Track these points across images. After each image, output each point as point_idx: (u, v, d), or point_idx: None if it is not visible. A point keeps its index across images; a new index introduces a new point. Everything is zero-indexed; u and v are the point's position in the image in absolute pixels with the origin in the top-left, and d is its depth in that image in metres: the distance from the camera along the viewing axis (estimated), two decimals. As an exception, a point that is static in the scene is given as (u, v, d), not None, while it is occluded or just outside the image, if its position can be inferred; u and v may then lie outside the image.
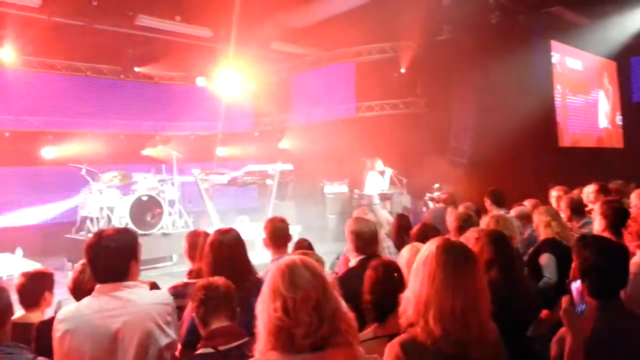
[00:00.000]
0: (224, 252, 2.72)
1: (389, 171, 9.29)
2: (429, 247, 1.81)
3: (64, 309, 2.23)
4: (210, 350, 2.12)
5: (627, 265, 2.09)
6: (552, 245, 3.78)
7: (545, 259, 3.70)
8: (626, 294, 2.30)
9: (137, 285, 2.26)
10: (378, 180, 9.15)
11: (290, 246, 3.85)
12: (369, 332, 2.29)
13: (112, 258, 2.20)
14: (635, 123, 13.29)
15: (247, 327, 2.27)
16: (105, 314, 2.13)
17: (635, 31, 11.29)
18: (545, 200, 5.61)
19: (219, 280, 2.31)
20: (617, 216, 3.36)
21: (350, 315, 1.68)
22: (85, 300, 2.20)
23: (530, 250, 4.04)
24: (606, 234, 3.26)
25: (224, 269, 2.56)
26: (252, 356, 1.66)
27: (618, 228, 3.16)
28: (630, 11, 10.54)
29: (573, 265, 2.12)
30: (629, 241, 2.81)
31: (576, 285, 1.98)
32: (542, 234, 4.02)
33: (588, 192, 5.45)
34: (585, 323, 1.91)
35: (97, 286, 2.21)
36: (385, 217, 8.51)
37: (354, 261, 3.55)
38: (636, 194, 4.93)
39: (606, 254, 2.07)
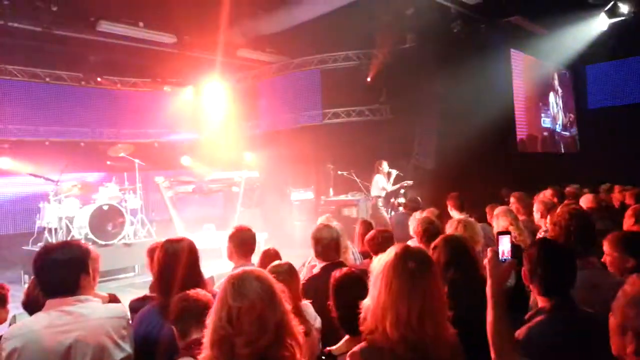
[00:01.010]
0: (173, 263, 2.55)
1: (394, 173, 9.29)
2: (387, 255, 1.83)
3: (11, 326, 2.15)
4: (189, 359, 2.09)
5: (572, 264, 2.17)
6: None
7: None
8: None
9: (89, 299, 2.19)
10: (383, 182, 9.19)
11: (257, 255, 3.80)
12: (342, 345, 2.29)
13: (60, 271, 2.13)
14: (590, 129, 13.82)
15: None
16: (56, 329, 2.05)
17: (590, 41, 11.74)
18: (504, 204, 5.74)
19: (200, 292, 2.31)
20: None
21: (298, 329, 1.69)
22: (34, 316, 2.13)
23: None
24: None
25: (172, 280, 2.46)
26: None
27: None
28: (585, 21, 10.95)
29: (523, 268, 2.19)
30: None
31: (504, 239, 2.05)
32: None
33: (545, 196, 5.61)
34: (504, 271, 1.96)
35: (47, 301, 2.14)
36: (385, 219, 8.57)
37: (317, 268, 3.56)
38: (584, 199, 5.11)
39: (550, 252, 2.17)
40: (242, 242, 3.42)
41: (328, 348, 2.33)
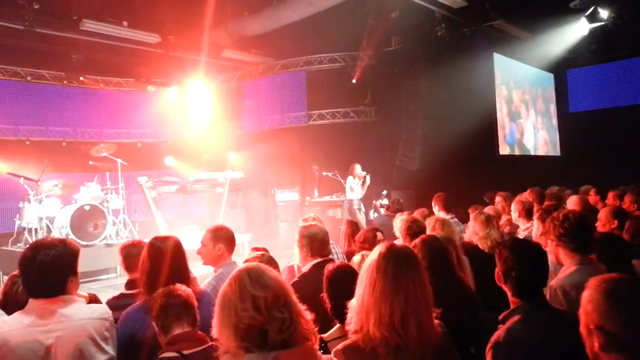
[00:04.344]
0: (162, 260, 2.53)
1: (363, 174, 9.15)
2: (372, 254, 1.83)
3: (-9, 325, 2.10)
4: (174, 354, 2.08)
5: (545, 265, 2.17)
6: (467, 248, 3.98)
7: None
8: None
9: (72, 299, 2.16)
10: (352, 184, 9.11)
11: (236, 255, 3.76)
12: (335, 331, 2.30)
13: (48, 273, 2.09)
14: (571, 132, 14.05)
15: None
16: (37, 329, 2.03)
17: (572, 45, 11.92)
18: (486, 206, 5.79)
19: (179, 287, 2.29)
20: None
21: (309, 316, 1.74)
22: (15, 314, 2.09)
23: None
24: (543, 238, 3.41)
25: (161, 278, 2.44)
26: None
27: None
28: (567, 26, 11.12)
29: (497, 269, 2.18)
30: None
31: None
32: (465, 237, 4.41)
33: (524, 196, 5.68)
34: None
35: (30, 300, 2.10)
36: (361, 223, 8.54)
37: (307, 267, 3.55)
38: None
39: (524, 253, 2.15)
40: (232, 240, 3.35)
41: (320, 335, 2.35)
